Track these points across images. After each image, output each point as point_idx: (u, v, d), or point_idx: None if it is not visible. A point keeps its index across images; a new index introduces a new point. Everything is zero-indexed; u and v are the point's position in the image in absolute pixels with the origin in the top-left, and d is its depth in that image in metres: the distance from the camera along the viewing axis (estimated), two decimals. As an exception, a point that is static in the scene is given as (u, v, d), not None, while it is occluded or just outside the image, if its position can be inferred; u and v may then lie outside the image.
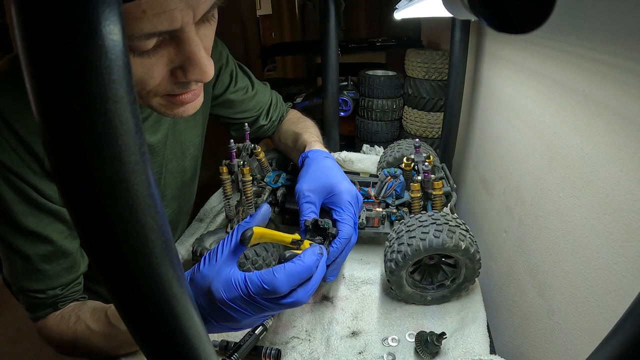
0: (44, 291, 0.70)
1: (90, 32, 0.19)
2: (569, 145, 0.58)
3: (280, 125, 1.15)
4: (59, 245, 0.69)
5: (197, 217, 1.11)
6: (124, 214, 0.22)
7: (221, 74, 1.01)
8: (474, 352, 0.67)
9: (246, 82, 1.08)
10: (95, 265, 0.25)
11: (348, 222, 0.73)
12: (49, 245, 0.69)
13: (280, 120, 1.16)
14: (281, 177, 0.95)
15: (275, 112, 1.14)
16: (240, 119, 1.08)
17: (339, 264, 0.74)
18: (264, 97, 1.11)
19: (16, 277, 0.70)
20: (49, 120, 0.20)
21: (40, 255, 0.68)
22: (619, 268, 0.45)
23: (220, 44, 1.00)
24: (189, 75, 0.54)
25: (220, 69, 1.00)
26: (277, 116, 1.14)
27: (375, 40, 2.31)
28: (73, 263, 0.73)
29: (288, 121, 1.14)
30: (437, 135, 1.43)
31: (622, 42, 0.46)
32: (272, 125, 1.14)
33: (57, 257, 0.70)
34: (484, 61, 1.06)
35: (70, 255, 0.72)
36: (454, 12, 0.34)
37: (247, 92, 1.07)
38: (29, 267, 0.68)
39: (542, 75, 0.69)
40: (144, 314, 0.27)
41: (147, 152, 0.22)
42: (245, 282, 0.52)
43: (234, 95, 1.04)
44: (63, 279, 0.71)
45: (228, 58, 1.03)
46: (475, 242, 0.70)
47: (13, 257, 0.68)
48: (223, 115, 1.08)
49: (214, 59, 0.92)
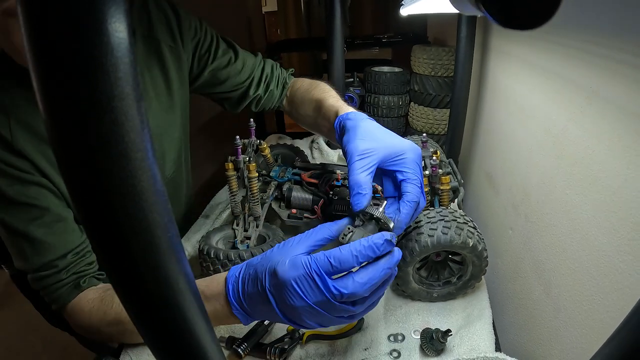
0: (56, 264, 0.72)
1: (97, 30, 0.19)
2: (576, 143, 0.57)
3: (292, 96, 1.08)
4: (55, 213, 0.72)
5: (203, 213, 1.11)
6: (130, 210, 0.22)
7: (197, 51, 0.97)
8: (479, 350, 0.67)
9: (229, 54, 1.02)
10: (102, 261, 0.25)
11: (415, 183, 0.63)
12: (46, 213, 0.71)
13: (283, 88, 1.09)
14: (287, 172, 0.95)
15: (273, 81, 1.08)
16: (226, 92, 1.04)
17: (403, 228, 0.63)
18: (251, 66, 1.05)
19: (27, 260, 0.71)
20: (56, 117, 0.20)
21: (38, 225, 0.70)
22: (625, 266, 0.45)
23: (193, 18, 0.97)
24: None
25: (196, 47, 0.97)
26: (278, 85, 1.08)
27: (381, 36, 2.31)
28: (73, 226, 0.75)
29: (300, 90, 1.05)
30: (443, 132, 1.43)
31: (631, 38, 0.45)
32: (273, 95, 1.08)
33: (56, 222, 0.72)
34: (491, 57, 1.06)
35: (67, 219, 0.74)
36: (460, 9, 0.33)
37: (230, 64, 1.01)
38: (34, 243, 0.70)
39: (549, 72, 0.68)
40: (150, 310, 0.27)
41: (152, 148, 0.23)
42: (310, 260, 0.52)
43: (215, 71, 1.00)
44: (69, 243, 0.73)
45: (204, 33, 0.99)
46: (482, 239, 0.70)
47: (17, 241, 0.71)
48: (209, 92, 1.05)
49: (188, 36, 0.94)
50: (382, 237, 0.53)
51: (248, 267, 0.57)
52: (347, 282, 0.51)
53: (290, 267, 0.52)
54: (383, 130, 0.69)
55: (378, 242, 0.52)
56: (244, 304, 0.57)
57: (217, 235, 0.84)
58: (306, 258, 0.52)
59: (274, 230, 0.85)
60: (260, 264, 0.55)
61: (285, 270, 0.51)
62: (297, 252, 0.54)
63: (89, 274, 0.75)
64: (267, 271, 0.53)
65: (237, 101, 1.07)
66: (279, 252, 0.55)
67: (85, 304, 0.72)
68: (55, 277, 0.72)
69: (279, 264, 0.52)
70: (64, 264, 0.72)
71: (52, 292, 0.73)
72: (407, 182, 0.62)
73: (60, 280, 0.72)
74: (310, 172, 0.94)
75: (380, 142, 0.65)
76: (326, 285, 0.51)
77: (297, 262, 0.52)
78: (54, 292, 0.73)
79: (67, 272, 0.73)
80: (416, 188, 0.62)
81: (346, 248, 0.52)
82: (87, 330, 0.74)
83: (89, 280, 0.75)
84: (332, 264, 0.51)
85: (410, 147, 0.65)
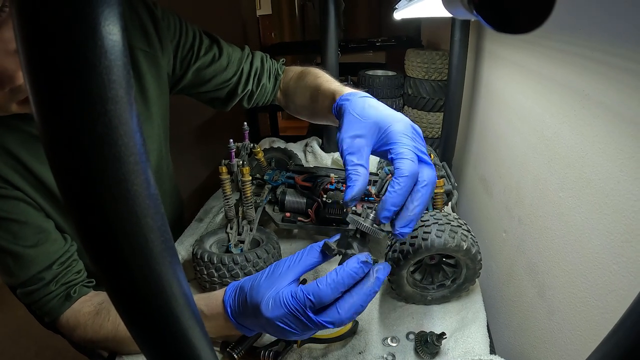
0: (43, 277, 0.70)
1: (90, 33, 0.19)
2: (569, 145, 0.58)
3: (286, 88, 1.03)
4: (34, 225, 0.71)
5: (196, 217, 1.11)
6: (123, 214, 0.22)
7: (179, 52, 0.92)
8: (474, 352, 0.67)
9: (213, 50, 0.95)
10: (95, 266, 0.25)
11: (406, 155, 0.56)
12: (25, 227, 0.70)
13: (276, 80, 1.04)
14: (281, 175, 0.95)
15: (265, 74, 1.02)
16: (213, 90, 0.99)
17: (414, 213, 0.56)
18: (237, 61, 0.99)
19: (12, 275, 0.70)
20: (49, 121, 0.20)
21: (19, 239, 0.69)
22: (619, 268, 0.45)
23: (172, 17, 0.90)
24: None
25: (177, 48, 0.91)
26: (270, 77, 1.03)
27: (375, 40, 2.32)
28: (55, 236, 0.74)
29: (293, 79, 1.00)
30: (437, 135, 1.43)
31: (623, 43, 0.46)
32: (265, 89, 1.03)
33: (37, 234, 0.71)
34: (484, 61, 1.06)
35: (48, 230, 0.73)
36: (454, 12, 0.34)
37: (214, 61, 0.95)
38: (17, 258, 0.69)
39: (542, 76, 0.68)
40: (144, 314, 0.26)
41: (146, 152, 0.22)
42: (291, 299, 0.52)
43: (199, 70, 0.95)
44: (53, 253, 0.72)
45: (185, 32, 0.92)
46: (476, 242, 0.70)
47: (1, 257, 0.69)
48: (195, 92, 0.99)
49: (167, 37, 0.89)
50: (357, 261, 0.52)
51: (241, 292, 0.58)
52: (332, 314, 0.52)
53: (273, 307, 0.52)
54: (374, 108, 0.64)
55: (354, 268, 0.52)
56: (241, 324, 0.59)
57: (210, 239, 0.83)
58: (288, 295, 0.52)
59: (268, 233, 0.85)
60: (249, 294, 0.55)
61: (268, 310, 0.52)
62: (285, 282, 0.54)
63: (78, 283, 0.74)
64: (254, 307, 0.54)
65: (226, 99, 1.02)
66: (266, 283, 0.55)
67: (81, 317, 0.72)
68: (44, 289, 0.71)
69: (262, 302, 0.53)
70: (51, 275, 0.71)
71: (43, 305, 0.71)
72: (396, 159, 0.57)
73: (50, 293, 0.71)
74: (304, 175, 0.94)
75: (366, 124, 0.62)
76: (310, 320, 0.51)
77: (278, 302, 0.52)
78: (45, 305, 0.71)
79: (56, 284, 0.71)
80: (406, 162, 0.56)
81: (323, 281, 0.51)
82: (83, 343, 0.74)
83: (79, 290, 0.74)
84: (312, 301, 0.51)
85: (396, 119, 0.61)
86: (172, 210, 1.13)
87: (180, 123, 1.06)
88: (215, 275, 0.75)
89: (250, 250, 0.79)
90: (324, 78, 0.88)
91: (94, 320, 0.70)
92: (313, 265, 0.56)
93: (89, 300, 0.74)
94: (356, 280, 0.52)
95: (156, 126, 0.93)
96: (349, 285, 0.52)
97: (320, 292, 0.51)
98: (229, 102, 1.02)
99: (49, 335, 1.00)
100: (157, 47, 0.87)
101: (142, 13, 0.85)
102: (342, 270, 0.52)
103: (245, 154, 0.91)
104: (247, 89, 1.00)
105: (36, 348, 1.91)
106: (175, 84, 0.96)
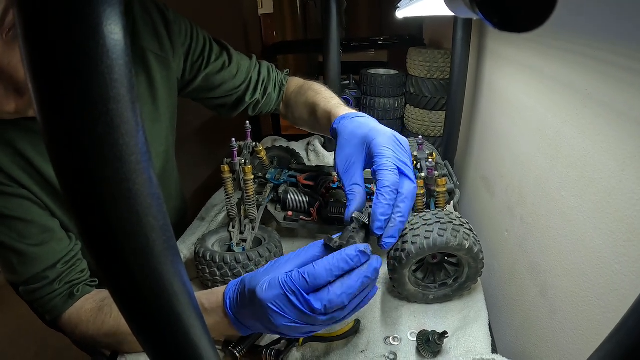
0: (47, 275, 0.71)
1: (92, 32, 0.19)
2: (571, 145, 0.58)
3: (287, 99, 1.05)
4: (39, 224, 0.71)
5: (198, 215, 1.11)
6: (124, 213, 0.22)
7: (189, 57, 0.93)
8: (476, 352, 0.67)
9: (223, 57, 0.97)
10: (97, 265, 0.25)
11: (385, 167, 0.60)
12: (30, 225, 0.70)
13: (280, 91, 1.06)
14: (283, 174, 0.95)
15: (271, 84, 1.04)
16: (221, 97, 1.00)
17: (396, 224, 0.61)
18: (246, 70, 1.01)
19: (15, 272, 0.70)
20: (51, 120, 0.20)
21: (24, 237, 0.69)
22: (621, 267, 0.45)
23: (184, 21, 0.91)
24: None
25: (188, 52, 0.92)
26: (275, 88, 1.05)
27: (377, 38, 2.32)
28: (60, 235, 0.74)
29: (294, 93, 1.03)
30: (439, 134, 1.43)
31: (625, 42, 0.45)
32: (271, 99, 1.05)
33: (42, 233, 0.71)
34: (486, 60, 1.06)
35: (53, 229, 0.73)
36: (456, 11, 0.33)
37: (224, 68, 0.97)
38: (21, 256, 0.69)
39: (545, 74, 0.68)
40: (146, 313, 0.27)
41: (148, 151, 0.22)
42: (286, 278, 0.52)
43: (209, 76, 0.96)
44: (58, 252, 0.72)
45: (196, 37, 0.93)
46: (478, 241, 0.70)
47: (4, 255, 0.70)
48: (202, 97, 1.00)
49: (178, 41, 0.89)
50: (355, 249, 0.53)
51: (241, 283, 0.58)
52: (323, 294, 0.52)
53: (268, 287, 0.53)
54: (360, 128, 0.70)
55: (351, 254, 0.53)
56: (238, 318, 0.59)
57: (213, 237, 0.84)
58: (283, 276, 0.53)
59: (270, 232, 0.85)
60: (248, 283, 0.56)
61: (262, 291, 0.53)
62: (283, 272, 0.54)
63: (82, 282, 0.75)
64: (250, 294, 0.54)
65: (233, 106, 1.04)
66: (265, 272, 0.56)
67: (83, 313, 0.72)
68: (48, 288, 0.71)
69: (258, 285, 0.53)
70: (55, 274, 0.71)
71: (46, 303, 0.72)
72: (377, 171, 0.61)
73: (53, 291, 0.71)
74: (306, 174, 0.94)
75: (354, 145, 0.67)
76: (302, 300, 0.51)
77: (274, 282, 0.53)
78: (48, 303, 0.72)
79: (60, 282, 0.72)
80: (386, 173, 0.60)
81: (319, 263, 0.52)
82: (85, 340, 0.74)
83: (82, 289, 0.74)
84: (307, 280, 0.51)
85: (380, 132, 0.65)
86: (176, 213, 1.14)
87: (182, 122, 1.06)
88: (217, 274, 0.76)
89: (252, 249, 0.79)
90: (322, 95, 0.92)
91: (96, 316, 0.71)
92: (313, 259, 0.57)
93: (91, 298, 0.74)
94: (351, 267, 0.53)
95: (164, 128, 0.94)
96: (344, 270, 0.53)
97: (316, 272, 0.52)
98: (235, 109, 1.05)
99: (50, 335, 1.01)
100: (168, 50, 0.88)
101: (155, 16, 0.85)
102: (338, 254, 0.53)
103: (248, 152, 0.91)
104: (254, 97, 1.02)
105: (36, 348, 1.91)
106: (183, 88, 0.97)
